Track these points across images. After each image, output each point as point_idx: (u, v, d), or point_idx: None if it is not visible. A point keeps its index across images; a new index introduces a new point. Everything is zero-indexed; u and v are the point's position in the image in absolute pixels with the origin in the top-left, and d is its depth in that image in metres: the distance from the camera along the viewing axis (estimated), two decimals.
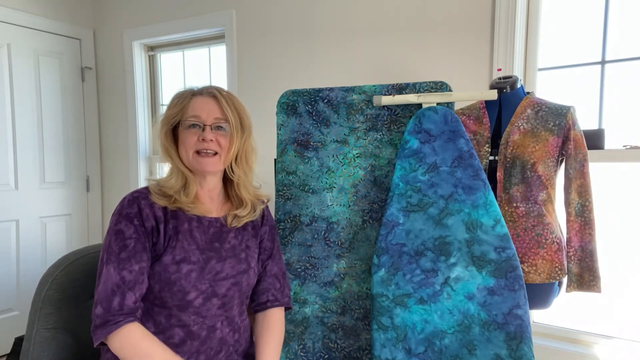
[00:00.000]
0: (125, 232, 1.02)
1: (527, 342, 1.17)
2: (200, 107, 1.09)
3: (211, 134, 1.07)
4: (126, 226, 1.02)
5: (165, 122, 1.11)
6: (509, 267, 1.19)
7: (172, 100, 1.13)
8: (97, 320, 0.96)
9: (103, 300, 0.97)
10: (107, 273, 0.99)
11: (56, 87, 2.84)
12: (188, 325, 1.04)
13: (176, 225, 1.07)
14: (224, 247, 1.11)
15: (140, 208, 1.04)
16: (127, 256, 1.00)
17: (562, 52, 1.86)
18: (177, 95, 1.13)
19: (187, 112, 1.09)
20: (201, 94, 1.11)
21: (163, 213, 1.07)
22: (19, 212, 2.68)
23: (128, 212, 1.04)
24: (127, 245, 1.01)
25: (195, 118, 1.08)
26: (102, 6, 3.01)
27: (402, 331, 1.23)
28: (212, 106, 1.09)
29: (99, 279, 1.00)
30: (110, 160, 3.09)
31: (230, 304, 1.10)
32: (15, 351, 2.00)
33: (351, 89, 1.38)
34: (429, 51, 2.00)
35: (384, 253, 1.25)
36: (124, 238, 1.01)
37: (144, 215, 1.04)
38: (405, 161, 1.27)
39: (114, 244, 1.01)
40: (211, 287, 1.06)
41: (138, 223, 1.03)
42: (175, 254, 1.04)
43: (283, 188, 1.42)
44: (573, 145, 1.40)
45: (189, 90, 1.13)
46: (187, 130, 1.08)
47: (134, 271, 1.00)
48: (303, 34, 2.31)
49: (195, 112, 1.08)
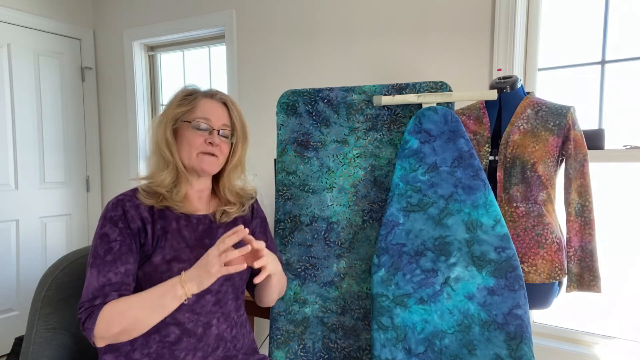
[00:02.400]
0: (110, 235, 1.02)
1: (527, 342, 1.17)
2: (211, 111, 1.10)
3: (218, 139, 1.09)
4: (111, 229, 1.02)
5: (172, 117, 1.10)
6: (509, 267, 1.19)
7: (181, 97, 1.12)
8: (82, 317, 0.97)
9: (85, 302, 0.98)
10: (91, 276, 0.99)
11: (56, 87, 2.84)
12: (183, 323, 1.05)
13: (164, 225, 1.07)
14: (214, 243, 1.11)
15: (124, 210, 1.04)
16: (113, 259, 1.00)
17: (562, 52, 1.86)
18: (184, 92, 1.12)
19: (196, 112, 1.09)
20: (212, 97, 1.12)
21: (150, 214, 1.07)
22: (19, 212, 2.68)
23: (112, 215, 1.04)
24: (112, 248, 1.01)
25: (205, 120, 1.09)
26: (102, 6, 3.01)
27: (402, 331, 1.23)
28: (221, 112, 1.11)
29: (85, 281, 1.01)
30: (110, 160, 3.09)
31: (224, 300, 1.11)
32: (15, 351, 2.00)
33: (351, 89, 1.38)
34: (429, 51, 2.00)
35: (384, 253, 1.25)
36: (109, 241, 1.01)
37: (129, 216, 1.04)
38: (405, 161, 1.27)
39: (99, 247, 1.01)
40: None
41: (123, 225, 1.03)
42: (165, 253, 1.04)
43: (283, 188, 1.42)
44: (573, 145, 1.40)
45: (198, 91, 1.13)
46: (194, 131, 1.08)
47: (119, 273, 1.00)
48: (303, 33, 2.31)
49: (206, 115, 1.09)
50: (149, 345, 1.03)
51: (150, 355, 1.03)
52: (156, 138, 1.11)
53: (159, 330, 1.04)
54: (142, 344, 1.03)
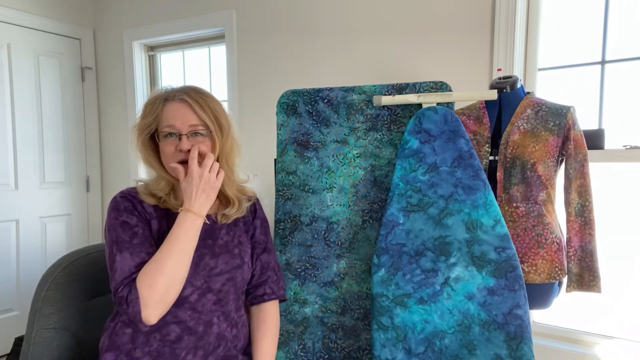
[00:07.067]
0: (130, 222, 1.02)
1: (527, 342, 1.17)
2: (174, 115, 1.04)
3: (187, 143, 1.04)
4: (129, 217, 1.03)
5: (140, 131, 1.08)
6: (509, 267, 1.19)
7: (145, 107, 1.09)
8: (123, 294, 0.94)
9: (123, 280, 0.95)
10: (123, 259, 0.97)
11: (56, 87, 2.84)
12: (184, 321, 1.05)
13: (169, 224, 1.07)
14: (216, 243, 1.12)
15: (133, 203, 1.05)
16: (140, 241, 1.00)
17: (562, 52, 1.86)
18: (149, 102, 1.09)
19: (161, 120, 1.06)
20: (173, 100, 1.06)
21: (154, 209, 1.08)
22: (19, 212, 2.68)
23: (126, 206, 1.04)
24: (136, 233, 1.01)
25: (169, 128, 1.04)
26: (102, 6, 3.01)
27: (402, 331, 1.23)
28: (185, 112, 1.04)
29: (113, 268, 0.98)
30: (110, 160, 3.09)
31: (225, 300, 1.11)
32: (15, 351, 2.00)
33: (351, 89, 1.38)
34: (429, 51, 2.00)
35: (384, 253, 1.25)
36: (131, 226, 1.02)
37: (139, 209, 1.05)
38: (405, 161, 1.27)
39: (123, 234, 1.00)
40: (206, 283, 1.07)
41: (138, 214, 1.04)
42: None
43: (283, 188, 1.42)
44: (573, 145, 1.40)
45: (160, 96, 1.09)
46: (165, 140, 1.05)
47: (150, 254, 1.00)
48: (303, 33, 2.31)
49: (169, 122, 1.04)
50: (150, 344, 1.03)
51: (151, 354, 1.03)
52: (138, 154, 1.10)
53: (160, 329, 1.04)
54: (142, 342, 1.04)
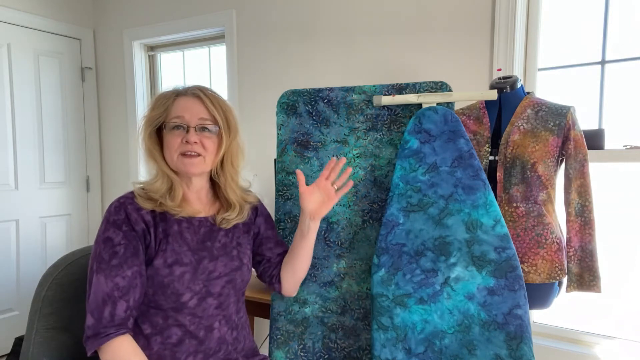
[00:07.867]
0: (114, 239, 1.00)
1: (527, 342, 1.17)
2: (184, 108, 1.05)
3: (195, 136, 1.04)
4: (114, 233, 1.01)
5: (148, 123, 1.08)
6: (509, 267, 1.19)
7: (156, 100, 1.10)
8: (88, 331, 0.96)
9: (94, 310, 0.96)
10: (98, 282, 0.98)
11: (56, 87, 2.84)
12: (185, 325, 1.04)
13: (165, 228, 1.06)
14: (215, 245, 1.11)
15: (127, 213, 1.03)
16: (119, 262, 0.99)
17: (562, 52, 1.86)
18: (160, 95, 1.10)
19: (170, 113, 1.06)
20: (185, 94, 1.08)
21: (152, 217, 1.05)
22: (19, 212, 2.68)
23: (115, 219, 1.02)
24: (117, 252, 0.99)
25: (178, 119, 1.05)
26: (102, 6, 3.01)
27: (402, 331, 1.23)
28: (196, 106, 1.06)
29: (89, 289, 0.99)
30: (110, 160, 3.09)
31: (226, 303, 1.10)
32: (15, 351, 2.00)
33: (351, 89, 1.38)
34: (429, 51, 2.00)
35: (384, 253, 1.25)
36: (113, 245, 1.00)
37: (133, 219, 1.03)
38: (405, 161, 1.27)
39: (103, 252, 0.99)
40: (205, 287, 1.06)
41: (127, 229, 1.02)
42: (167, 256, 1.03)
43: (283, 188, 1.42)
44: (573, 145, 1.40)
45: (173, 91, 1.10)
46: (171, 132, 1.05)
47: (127, 277, 0.98)
48: (303, 33, 2.31)
49: (179, 113, 1.05)
50: (151, 347, 1.03)
51: (151, 357, 1.03)
52: (143, 146, 1.10)
53: (161, 332, 1.04)
54: (143, 345, 1.03)
